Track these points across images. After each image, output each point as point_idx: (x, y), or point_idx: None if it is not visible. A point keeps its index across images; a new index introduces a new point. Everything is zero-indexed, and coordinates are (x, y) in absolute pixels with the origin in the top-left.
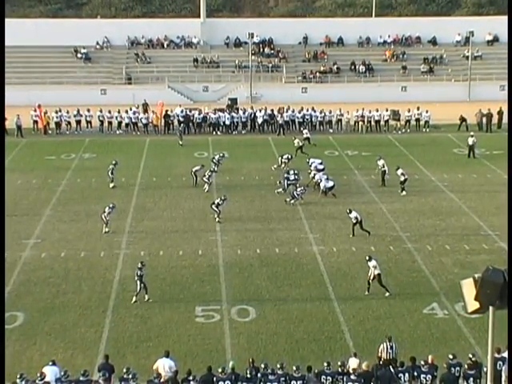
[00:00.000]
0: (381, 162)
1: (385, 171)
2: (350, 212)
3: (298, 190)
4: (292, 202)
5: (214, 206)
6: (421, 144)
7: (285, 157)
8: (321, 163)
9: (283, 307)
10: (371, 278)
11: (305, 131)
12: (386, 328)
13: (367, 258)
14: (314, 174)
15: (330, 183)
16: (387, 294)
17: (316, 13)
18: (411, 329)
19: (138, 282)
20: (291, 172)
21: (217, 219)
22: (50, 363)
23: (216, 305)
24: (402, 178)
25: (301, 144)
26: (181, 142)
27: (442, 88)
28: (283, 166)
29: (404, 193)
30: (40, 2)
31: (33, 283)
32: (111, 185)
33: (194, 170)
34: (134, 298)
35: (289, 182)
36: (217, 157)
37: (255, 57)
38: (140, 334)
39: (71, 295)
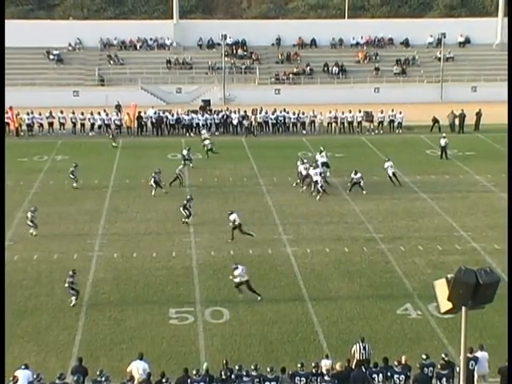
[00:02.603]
0: (388, 164)
1: (394, 173)
2: (230, 214)
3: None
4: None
5: (181, 209)
6: (394, 145)
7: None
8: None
9: (257, 309)
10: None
11: (203, 131)
12: (359, 329)
13: (234, 265)
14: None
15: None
16: (259, 298)
17: (289, 14)
18: (385, 329)
19: (70, 290)
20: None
21: (186, 221)
22: (23, 367)
23: (190, 307)
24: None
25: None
26: (115, 144)
27: (414, 89)
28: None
29: (364, 192)
30: (12, 2)
31: (5, 286)
32: (74, 185)
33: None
34: (74, 302)
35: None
36: (185, 152)
37: (228, 58)
38: (113, 336)
39: (44, 298)
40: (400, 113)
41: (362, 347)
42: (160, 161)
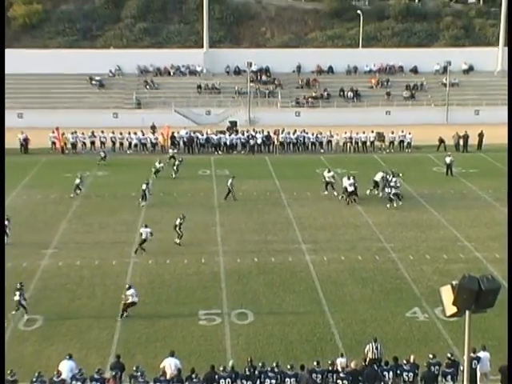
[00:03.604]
0: (394, 179)
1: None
2: (145, 227)
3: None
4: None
5: (177, 229)
6: (403, 163)
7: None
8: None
9: (278, 311)
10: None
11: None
12: (371, 330)
13: (127, 286)
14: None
15: (351, 188)
16: (120, 317)
17: (308, 44)
18: (395, 331)
19: (19, 301)
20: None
21: (178, 241)
22: (67, 357)
23: (217, 309)
24: (350, 190)
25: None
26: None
27: (422, 112)
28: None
29: (326, 192)
30: (58, 33)
31: (50, 289)
32: (72, 195)
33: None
34: (26, 317)
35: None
36: (157, 164)
37: (253, 83)
38: (148, 335)
39: (86, 300)
40: (409, 133)
41: (374, 347)
42: (191, 177)
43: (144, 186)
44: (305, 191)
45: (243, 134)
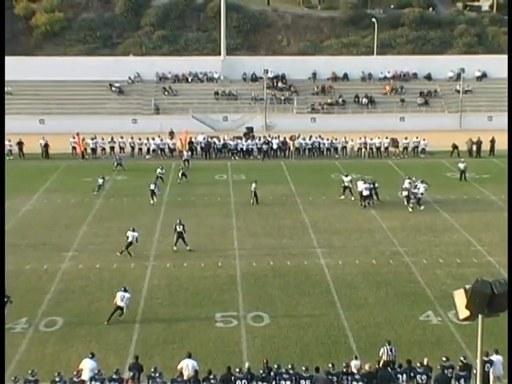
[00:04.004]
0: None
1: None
2: (133, 231)
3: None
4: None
5: (175, 237)
6: (417, 168)
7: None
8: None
9: (294, 314)
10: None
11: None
12: (385, 333)
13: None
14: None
15: (366, 192)
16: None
17: (324, 51)
18: (408, 334)
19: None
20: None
21: (187, 248)
22: (90, 355)
23: (234, 311)
24: (365, 194)
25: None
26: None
27: (436, 118)
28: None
29: (342, 197)
30: (79, 41)
31: (71, 291)
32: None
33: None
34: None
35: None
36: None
37: (269, 90)
38: (166, 337)
39: (105, 302)
40: (423, 140)
41: (388, 350)
42: (208, 181)
43: (152, 186)
44: (320, 196)
45: (259, 140)
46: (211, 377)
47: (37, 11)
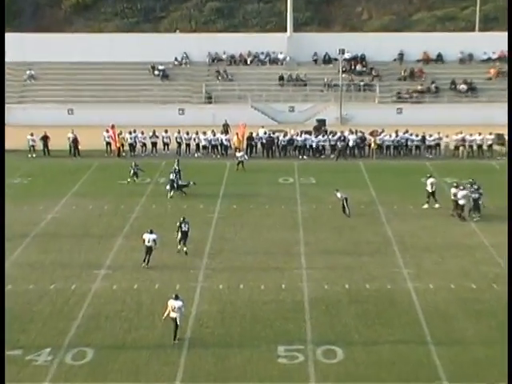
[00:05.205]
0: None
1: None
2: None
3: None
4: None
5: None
6: None
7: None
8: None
9: (374, 349)
10: None
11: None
12: (486, 373)
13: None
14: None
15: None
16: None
17: (413, 27)
18: None
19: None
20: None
21: (184, 249)
22: None
23: (300, 344)
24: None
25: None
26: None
27: None
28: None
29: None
30: (116, 15)
31: (103, 317)
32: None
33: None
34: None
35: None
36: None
37: (346, 74)
38: (217, 374)
39: (144, 331)
40: None
41: None
42: (270, 186)
43: (172, 176)
44: (407, 204)
45: (333, 135)
46: None
47: None
